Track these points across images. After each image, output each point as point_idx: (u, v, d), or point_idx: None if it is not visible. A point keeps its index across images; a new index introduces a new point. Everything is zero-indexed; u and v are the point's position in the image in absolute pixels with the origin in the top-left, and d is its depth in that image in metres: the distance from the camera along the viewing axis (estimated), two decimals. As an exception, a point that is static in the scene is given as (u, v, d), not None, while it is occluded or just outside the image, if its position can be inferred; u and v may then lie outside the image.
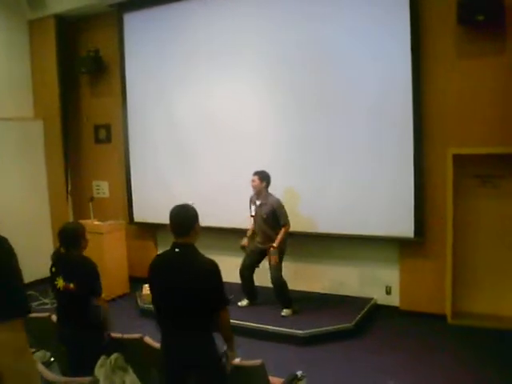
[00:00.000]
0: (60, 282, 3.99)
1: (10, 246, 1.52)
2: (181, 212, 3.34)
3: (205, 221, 3.75)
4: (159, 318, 3.38)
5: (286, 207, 6.27)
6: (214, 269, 3.24)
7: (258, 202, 6.35)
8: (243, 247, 6.48)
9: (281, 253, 6.28)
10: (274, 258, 6.16)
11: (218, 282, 3.26)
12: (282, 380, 3.74)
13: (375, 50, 6.31)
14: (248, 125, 7.16)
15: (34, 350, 4.14)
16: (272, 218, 6.22)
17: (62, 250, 4.10)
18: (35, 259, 7.23)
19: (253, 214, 6.41)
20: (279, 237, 6.17)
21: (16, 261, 1.54)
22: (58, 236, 4.15)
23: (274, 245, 6.15)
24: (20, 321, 1.44)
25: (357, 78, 6.46)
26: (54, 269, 4.11)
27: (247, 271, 6.52)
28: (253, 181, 6.27)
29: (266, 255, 6.33)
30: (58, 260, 4.14)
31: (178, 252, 3.28)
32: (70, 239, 4.08)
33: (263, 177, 6.27)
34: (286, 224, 6.22)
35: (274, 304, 6.38)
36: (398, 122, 6.25)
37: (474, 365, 5.06)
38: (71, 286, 3.93)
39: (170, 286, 3.23)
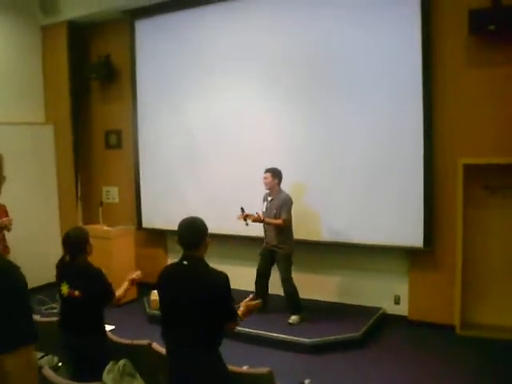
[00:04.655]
0: (64, 289, 4.00)
1: (21, 274, 1.53)
2: (189, 227, 3.28)
3: (216, 228, 3.76)
4: (164, 331, 3.35)
5: (293, 217, 6.29)
6: (223, 281, 3.18)
7: (269, 198, 6.36)
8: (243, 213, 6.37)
9: (289, 256, 6.30)
10: (253, 217, 6.23)
11: (227, 294, 3.20)
12: (289, 388, 3.74)
13: (385, 58, 6.31)
14: (259, 131, 7.17)
15: (42, 354, 4.16)
16: (281, 213, 6.21)
17: (68, 257, 4.10)
18: (44, 263, 7.26)
19: (264, 210, 6.39)
20: (272, 220, 6.18)
21: (24, 288, 1.55)
22: (62, 244, 4.15)
23: (258, 218, 6.20)
24: (29, 348, 1.47)
25: (366, 86, 6.46)
26: (58, 276, 4.12)
27: (262, 277, 6.52)
28: (265, 178, 6.28)
29: (275, 259, 6.35)
30: (62, 268, 4.15)
31: (186, 265, 3.22)
32: (74, 246, 4.07)
33: (275, 173, 6.29)
34: (285, 219, 6.16)
35: (282, 311, 6.37)
36: (408, 130, 6.23)
37: (483, 376, 5.02)
38: (76, 293, 3.94)
39: (177, 300, 3.20)
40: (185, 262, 3.23)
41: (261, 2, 7.12)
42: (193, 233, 3.25)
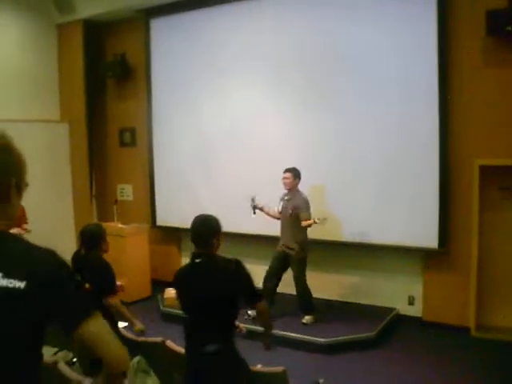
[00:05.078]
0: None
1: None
2: (202, 225, 3.30)
3: (227, 227, 3.75)
4: (188, 330, 3.37)
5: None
6: (238, 266, 3.26)
7: (286, 198, 6.32)
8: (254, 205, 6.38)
9: (303, 259, 6.26)
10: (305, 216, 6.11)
11: (246, 276, 3.28)
12: (303, 387, 3.73)
13: (401, 58, 6.28)
14: (271, 131, 7.16)
15: (56, 349, 4.17)
16: (297, 214, 6.16)
17: (83, 250, 4.17)
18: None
19: (280, 209, 6.36)
20: (307, 222, 6.07)
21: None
22: (78, 236, 4.24)
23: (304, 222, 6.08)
24: (92, 318, 1.61)
25: (382, 87, 6.43)
26: (73, 268, 4.19)
27: (271, 278, 6.41)
28: (286, 178, 6.23)
29: (289, 262, 6.31)
30: (77, 260, 4.24)
31: (198, 262, 3.26)
32: (89, 240, 4.19)
33: (296, 174, 6.25)
34: (306, 218, 6.10)
35: (296, 311, 6.35)
36: (423, 130, 6.20)
37: (496, 379, 4.97)
38: (86, 285, 4.01)
39: (197, 298, 3.23)
40: (197, 260, 3.26)
41: (274, 2, 7.12)
42: (206, 230, 3.27)
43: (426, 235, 6.25)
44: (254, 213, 6.36)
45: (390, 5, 6.31)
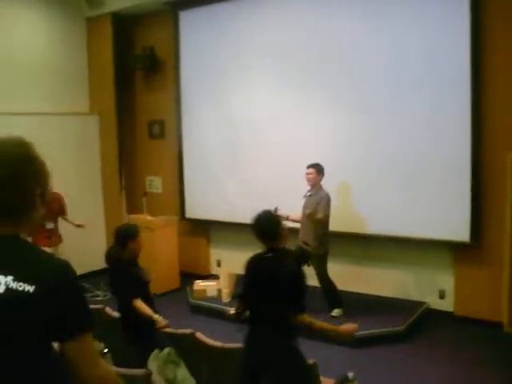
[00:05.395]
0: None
1: (73, 269, 1.67)
2: (264, 220, 3.46)
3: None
4: (250, 316, 3.48)
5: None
6: (298, 275, 3.39)
7: (308, 194, 6.28)
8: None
9: (323, 256, 6.21)
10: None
11: (299, 287, 3.37)
12: (332, 381, 3.71)
13: (433, 51, 6.16)
14: (300, 125, 7.12)
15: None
16: (318, 211, 6.10)
17: (114, 248, 4.27)
18: (88, 252, 7.39)
19: (302, 205, 6.31)
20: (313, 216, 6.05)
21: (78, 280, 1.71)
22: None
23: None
24: (89, 334, 1.64)
25: (413, 80, 6.33)
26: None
27: None
28: (309, 173, 6.19)
29: (308, 258, 6.22)
30: (108, 259, 4.35)
31: (269, 257, 3.40)
32: (119, 239, 4.27)
33: (319, 170, 6.21)
34: (321, 216, 6.04)
35: (324, 304, 6.31)
36: (456, 123, 6.08)
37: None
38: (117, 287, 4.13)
39: (260, 289, 3.37)
40: (269, 254, 3.41)
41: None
42: (268, 225, 3.44)
43: (458, 228, 6.16)
44: None
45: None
